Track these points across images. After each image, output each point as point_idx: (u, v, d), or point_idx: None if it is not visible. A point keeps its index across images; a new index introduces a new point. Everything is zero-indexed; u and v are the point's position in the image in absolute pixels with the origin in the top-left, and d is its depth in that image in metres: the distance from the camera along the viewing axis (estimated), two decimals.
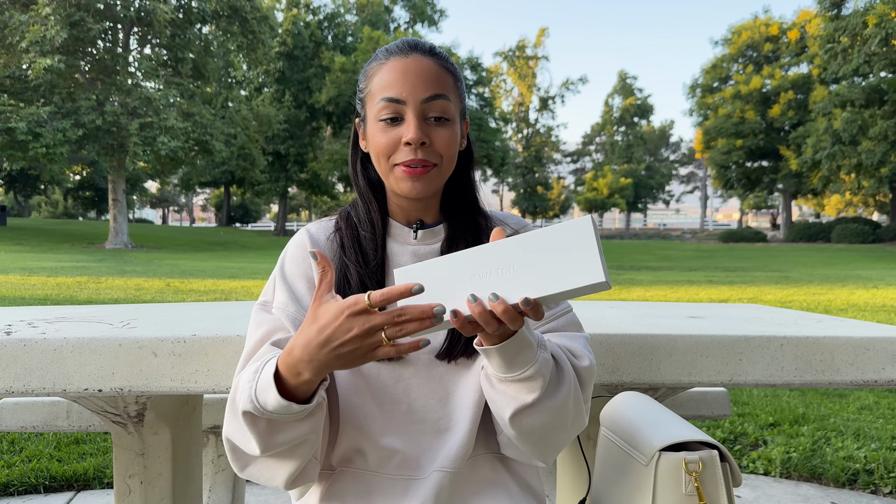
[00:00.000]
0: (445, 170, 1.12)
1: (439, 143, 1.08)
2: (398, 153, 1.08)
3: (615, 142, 61.02)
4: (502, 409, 1.02)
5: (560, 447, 1.09)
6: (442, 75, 1.10)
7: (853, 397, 4.54)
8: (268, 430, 0.94)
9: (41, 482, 2.96)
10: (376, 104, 1.09)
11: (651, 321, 1.64)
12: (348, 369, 0.98)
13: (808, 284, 13.21)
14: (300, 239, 1.19)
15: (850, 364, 1.46)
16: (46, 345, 1.29)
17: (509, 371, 0.97)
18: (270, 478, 1.02)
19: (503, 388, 1.00)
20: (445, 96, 1.09)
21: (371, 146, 1.12)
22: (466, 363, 1.12)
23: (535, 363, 0.96)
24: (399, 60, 1.09)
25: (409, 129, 1.06)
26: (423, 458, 1.11)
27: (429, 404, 1.11)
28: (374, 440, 1.10)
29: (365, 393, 1.11)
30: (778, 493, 3.00)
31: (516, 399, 1.00)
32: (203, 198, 75.36)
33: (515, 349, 0.95)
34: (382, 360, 1.09)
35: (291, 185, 41.39)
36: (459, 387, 1.11)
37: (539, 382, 0.98)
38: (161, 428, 1.59)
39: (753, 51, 43.80)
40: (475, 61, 41.23)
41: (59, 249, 21.17)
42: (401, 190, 1.10)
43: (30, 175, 42.99)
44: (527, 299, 0.84)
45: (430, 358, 1.11)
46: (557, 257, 0.84)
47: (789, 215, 44.12)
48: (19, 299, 8.55)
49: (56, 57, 21.57)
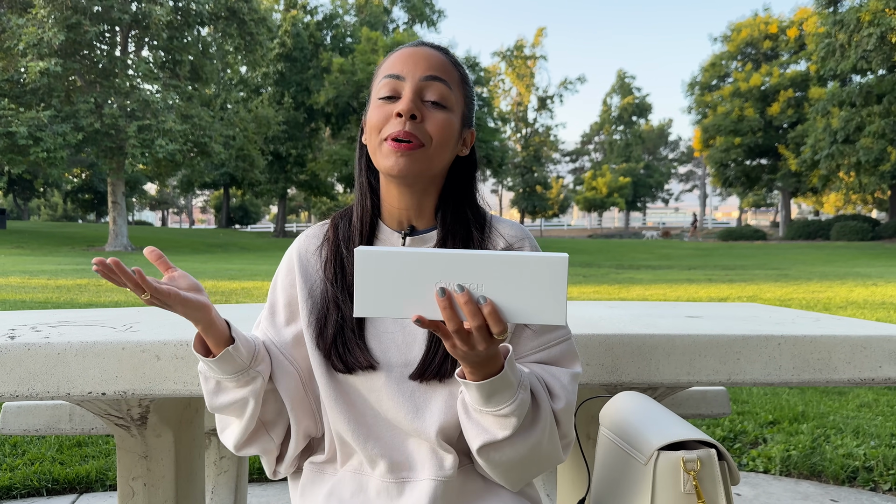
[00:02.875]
0: (434, 154, 1.10)
1: (431, 123, 1.08)
2: (388, 125, 1.08)
3: (614, 141, 61.03)
4: (472, 439, 1.03)
5: (530, 478, 1.11)
6: (447, 65, 1.12)
7: (852, 395, 4.55)
8: (214, 389, 1.10)
9: (44, 485, 2.97)
10: (378, 84, 1.12)
11: (650, 321, 1.65)
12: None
13: (807, 282, 13.23)
14: (290, 255, 1.23)
15: (847, 363, 1.47)
16: (50, 349, 1.30)
17: (485, 406, 0.97)
18: (228, 438, 1.17)
19: (477, 417, 1.01)
20: (445, 82, 1.10)
21: (367, 125, 1.13)
22: (438, 384, 1.11)
23: (513, 403, 0.97)
24: (407, 48, 1.12)
25: (403, 101, 1.07)
26: (412, 463, 1.12)
27: (399, 416, 1.10)
28: (361, 445, 1.11)
29: (347, 400, 1.12)
30: (778, 491, 3.01)
31: (487, 432, 1.00)
32: (202, 199, 75.33)
33: (494, 388, 0.95)
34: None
35: (291, 187, 41.37)
36: (431, 403, 1.11)
37: (513, 421, 0.98)
38: (164, 430, 1.60)
39: (753, 48, 43.81)
40: (473, 61, 41.24)
41: (59, 252, 21.17)
42: (385, 167, 1.09)
43: (29, 178, 42.99)
44: (485, 297, 0.84)
45: (402, 371, 1.11)
46: (527, 288, 0.84)
47: (788, 213, 44.13)
48: (20, 302, 8.56)
49: (53, 60, 21.56)
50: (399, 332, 1.12)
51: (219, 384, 1.10)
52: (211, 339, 1.04)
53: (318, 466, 1.19)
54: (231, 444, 1.16)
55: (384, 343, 1.12)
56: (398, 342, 1.12)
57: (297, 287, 1.18)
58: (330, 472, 1.18)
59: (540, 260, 0.83)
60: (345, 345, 1.10)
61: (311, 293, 1.16)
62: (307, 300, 1.15)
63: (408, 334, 1.12)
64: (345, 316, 1.11)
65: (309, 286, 1.17)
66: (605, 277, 15.16)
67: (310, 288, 1.16)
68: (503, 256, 0.84)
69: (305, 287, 1.17)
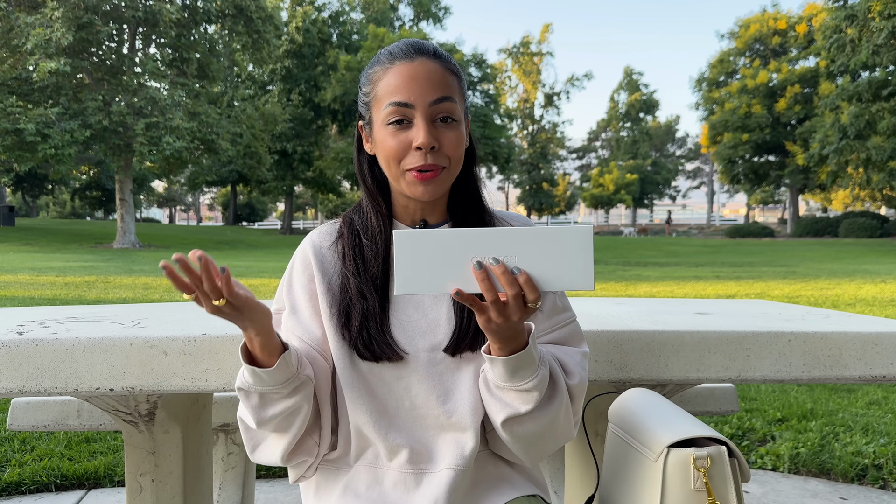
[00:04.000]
0: (454, 171, 1.14)
1: (448, 145, 1.10)
2: (408, 158, 1.10)
3: (621, 137, 60.89)
4: (496, 414, 1.07)
5: (547, 453, 1.14)
6: (447, 77, 1.12)
7: (862, 392, 4.53)
8: (259, 403, 1.05)
9: (52, 480, 2.98)
10: (384, 109, 1.10)
11: (658, 318, 1.64)
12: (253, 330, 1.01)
13: (815, 279, 13.17)
14: (303, 250, 1.23)
15: (857, 359, 1.46)
16: (58, 345, 1.31)
17: (509, 381, 1.02)
18: (272, 453, 1.12)
19: (500, 394, 1.05)
20: (451, 98, 1.11)
21: (380, 150, 1.13)
22: (469, 360, 1.14)
23: (535, 378, 1.02)
24: (405, 65, 1.10)
25: (420, 133, 1.08)
26: (433, 453, 1.13)
27: (429, 402, 1.13)
28: (382, 436, 1.13)
29: (369, 391, 1.14)
30: (786, 489, 3.00)
31: (510, 407, 1.05)
32: (210, 197, 75.57)
33: (520, 363, 1.00)
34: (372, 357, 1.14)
35: (297, 184, 41.42)
36: (460, 385, 1.13)
37: (535, 395, 1.03)
38: (172, 426, 1.60)
39: (761, 44, 43.61)
40: (479, 58, 41.15)
41: (67, 249, 21.26)
42: (412, 194, 1.12)
43: (37, 175, 43.17)
44: (518, 268, 0.89)
45: (429, 356, 1.13)
46: (557, 257, 0.90)
47: (796, 210, 43.95)
48: (29, 299, 8.60)
49: (62, 59, 21.63)
50: (422, 319, 1.15)
51: (263, 397, 1.05)
52: (267, 347, 1.01)
53: (332, 464, 1.20)
54: (277, 457, 1.12)
55: (409, 331, 1.14)
56: (422, 328, 1.14)
57: (315, 281, 1.19)
58: (344, 467, 1.19)
59: (567, 231, 0.90)
60: (370, 334, 1.12)
61: (329, 287, 1.17)
62: (327, 293, 1.17)
63: (430, 321, 1.15)
64: (369, 306, 1.13)
65: (327, 280, 1.18)
66: (612, 274, 15.13)
67: (328, 282, 1.18)
68: (532, 231, 0.90)
69: (324, 281, 1.18)
